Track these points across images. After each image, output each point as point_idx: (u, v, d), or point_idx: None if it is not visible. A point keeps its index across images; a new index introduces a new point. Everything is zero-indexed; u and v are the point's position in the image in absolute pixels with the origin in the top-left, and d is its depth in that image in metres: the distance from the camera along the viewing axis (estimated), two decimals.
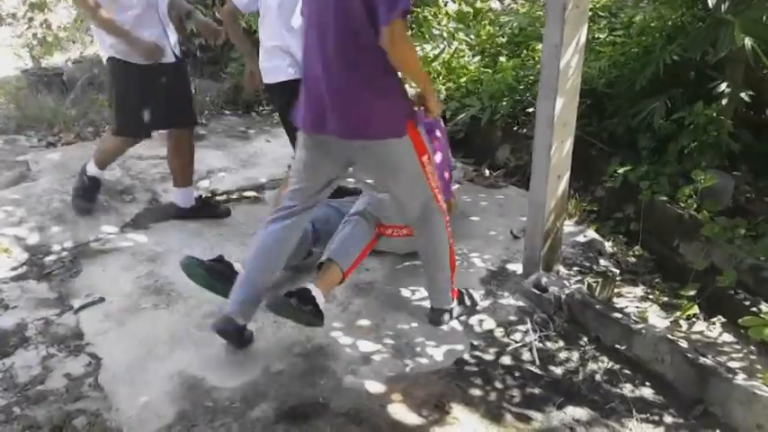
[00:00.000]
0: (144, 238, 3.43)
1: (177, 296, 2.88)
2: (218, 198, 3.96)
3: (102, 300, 2.86)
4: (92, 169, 3.59)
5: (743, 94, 3.54)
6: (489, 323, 2.69)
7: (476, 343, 2.56)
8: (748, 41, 3.13)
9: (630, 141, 3.86)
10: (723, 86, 3.48)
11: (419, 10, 6.40)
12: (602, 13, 4.75)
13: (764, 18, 3.21)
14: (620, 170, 3.65)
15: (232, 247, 3.29)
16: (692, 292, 2.87)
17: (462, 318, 2.71)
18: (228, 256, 2.82)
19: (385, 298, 2.87)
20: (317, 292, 2.41)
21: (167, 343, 2.55)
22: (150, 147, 4.70)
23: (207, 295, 2.82)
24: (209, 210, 3.73)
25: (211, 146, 4.86)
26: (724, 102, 3.48)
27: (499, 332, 2.64)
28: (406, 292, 2.91)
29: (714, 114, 3.41)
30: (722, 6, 3.34)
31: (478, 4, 6.77)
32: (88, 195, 3.64)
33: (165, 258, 3.20)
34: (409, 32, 5.62)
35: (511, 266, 3.11)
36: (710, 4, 3.44)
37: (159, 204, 3.86)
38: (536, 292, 2.79)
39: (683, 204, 3.29)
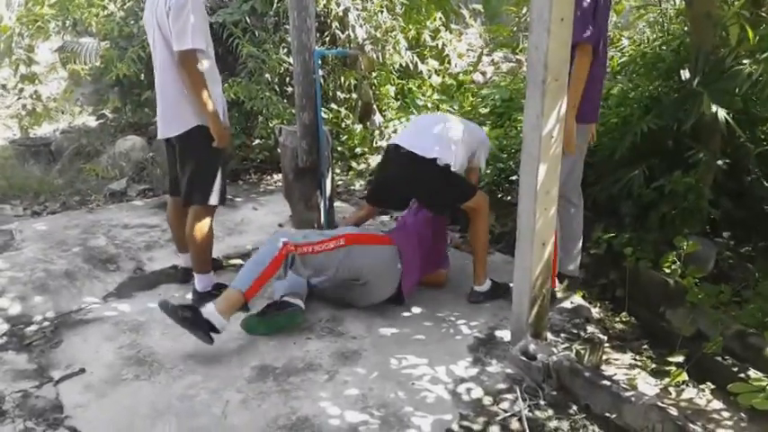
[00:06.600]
0: (127, 307, 3.38)
1: (159, 367, 2.81)
2: None
3: (82, 371, 2.80)
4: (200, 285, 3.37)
5: (720, 162, 3.63)
6: (478, 392, 2.65)
7: (464, 413, 2.51)
8: (721, 111, 3.25)
9: (613, 208, 3.92)
10: (701, 155, 3.57)
11: (404, 82, 6.60)
12: None
13: (736, 90, 3.34)
14: (605, 236, 3.69)
15: None
16: (680, 359, 2.87)
17: (450, 386, 2.68)
18: None
19: (372, 366, 2.83)
20: (209, 310, 2.76)
21: (149, 416, 2.48)
22: (136, 215, 4.72)
23: (189, 365, 2.78)
24: None
25: None
26: (702, 170, 3.57)
27: (488, 401, 2.60)
28: (393, 361, 2.87)
29: (693, 182, 3.49)
30: (694, 79, 3.49)
31: (461, 77, 7.02)
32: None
33: (148, 328, 3.14)
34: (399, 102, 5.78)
35: (499, 333, 3.10)
36: (683, 77, 3.59)
37: (144, 273, 3.83)
38: (524, 359, 2.76)
39: (667, 271, 3.32)
